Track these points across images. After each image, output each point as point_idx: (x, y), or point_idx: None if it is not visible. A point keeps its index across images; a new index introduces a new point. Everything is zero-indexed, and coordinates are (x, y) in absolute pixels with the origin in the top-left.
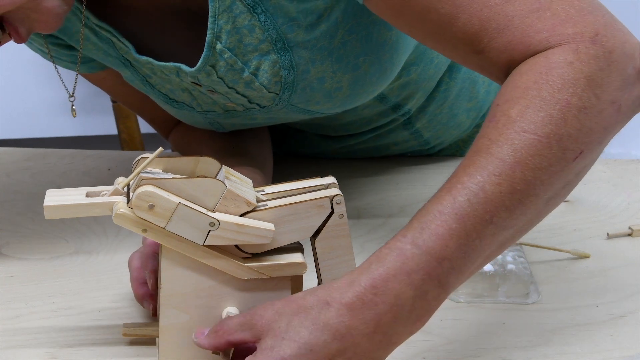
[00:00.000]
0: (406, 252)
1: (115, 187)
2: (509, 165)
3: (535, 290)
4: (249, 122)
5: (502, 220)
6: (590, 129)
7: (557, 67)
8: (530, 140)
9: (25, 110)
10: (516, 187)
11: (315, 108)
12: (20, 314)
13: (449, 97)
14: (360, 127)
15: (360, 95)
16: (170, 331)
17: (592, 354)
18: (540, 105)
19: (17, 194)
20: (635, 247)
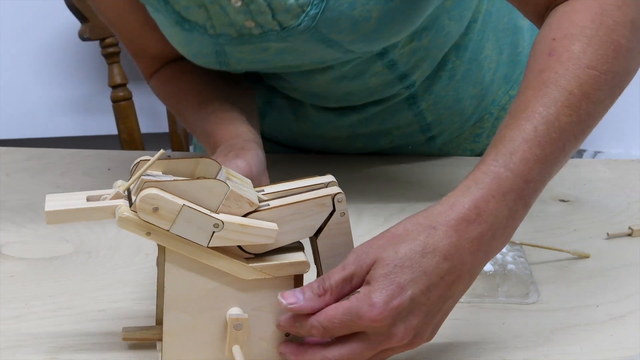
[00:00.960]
0: (501, 175)
1: (116, 191)
2: (577, 99)
3: (535, 291)
4: (259, 57)
5: (570, 147)
6: (632, 69)
7: (609, 9)
8: (593, 76)
9: (25, 110)
10: (583, 118)
11: (337, 37)
12: (20, 314)
13: (454, 77)
14: (363, 97)
15: (382, 34)
16: (174, 334)
17: (592, 354)
18: (599, 44)
19: (17, 193)
20: (635, 247)
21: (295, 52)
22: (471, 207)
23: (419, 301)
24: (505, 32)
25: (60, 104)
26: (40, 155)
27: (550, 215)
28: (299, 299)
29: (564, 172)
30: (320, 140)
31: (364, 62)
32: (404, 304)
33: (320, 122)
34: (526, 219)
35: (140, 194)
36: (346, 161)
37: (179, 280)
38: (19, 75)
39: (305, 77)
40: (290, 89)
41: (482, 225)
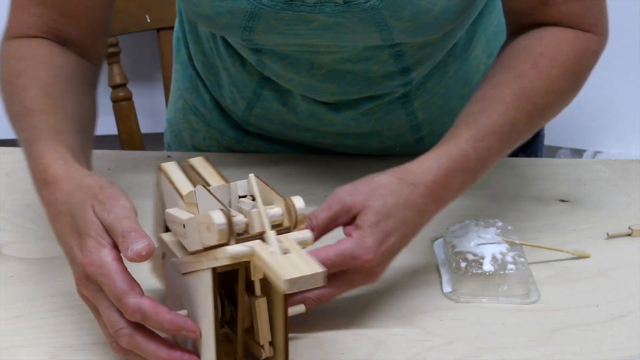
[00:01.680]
0: (469, 155)
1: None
2: (537, 114)
3: (535, 290)
4: (293, 30)
5: (511, 149)
6: (574, 95)
7: (589, 52)
8: (555, 100)
9: None
10: (531, 131)
11: (393, 23)
12: (21, 313)
13: (446, 76)
14: (360, 89)
15: (433, 28)
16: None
17: (592, 354)
18: (570, 78)
19: (17, 193)
20: (635, 247)
21: (339, 31)
22: (442, 175)
23: (396, 247)
24: (494, 35)
25: None
26: None
27: (550, 215)
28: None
29: (564, 172)
30: (310, 134)
31: (374, 47)
32: (388, 249)
33: (313, 114)
34: (525, 218)
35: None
36: (346, 162)
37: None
38: None
39: (313, 55)
40: (286, 79)
41: (447, 192)
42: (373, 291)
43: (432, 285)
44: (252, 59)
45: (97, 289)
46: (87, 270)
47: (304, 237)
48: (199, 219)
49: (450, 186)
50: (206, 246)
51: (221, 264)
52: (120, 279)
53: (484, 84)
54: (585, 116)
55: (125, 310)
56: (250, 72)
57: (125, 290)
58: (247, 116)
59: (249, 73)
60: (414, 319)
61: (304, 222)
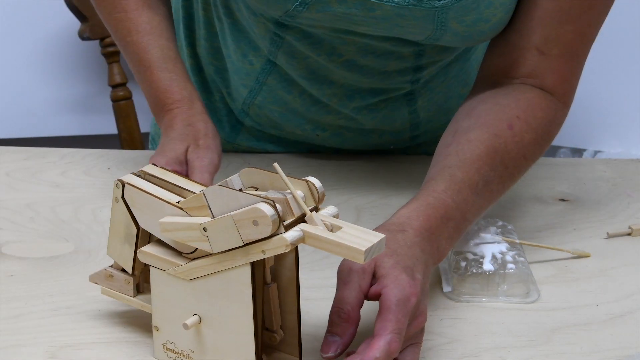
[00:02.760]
0: (448, 204)
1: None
2: (508, 175)
3: (535, 290)
4: (348, 13)
5: (487, 208)
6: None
7: (557, 122)
8: (524, 164)
9: (25, 110)
10: (503, 191)
11: (453, 25)
12: (20, 313)
13: (448, 75)
14: (372, 82)
15: (480, 37)
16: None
17: (592, 354)
18: (539, 144)
19: (16, 193)
20: (635, 247)
21: (395, 23)
22: (426, 220)
23: (423, 282)
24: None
25: (60, 104)
26: (40, 154)
27: (550, 215)
28: (337, 341)
29: (564, 172)
30: (310, 126)
31: (402, 43)
32: (419, 281)
33: (319, 104)
34: (525, 218)
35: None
36: (346, 162)
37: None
38: (19, 75)
39: (340, 41)
40: (300, 57)
41: (435, 236)
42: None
43: (432, 285)
44: (268, 35)
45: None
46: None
47: (334, 212)
48: (237, 217)
49: (437, 231)
50: (249, 241)
51: (271, 254)
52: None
53: (459, 137)
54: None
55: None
56: (252, 62)
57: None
58: (247, 105)
59: (251, 63)
60: None
61: (323, 198)
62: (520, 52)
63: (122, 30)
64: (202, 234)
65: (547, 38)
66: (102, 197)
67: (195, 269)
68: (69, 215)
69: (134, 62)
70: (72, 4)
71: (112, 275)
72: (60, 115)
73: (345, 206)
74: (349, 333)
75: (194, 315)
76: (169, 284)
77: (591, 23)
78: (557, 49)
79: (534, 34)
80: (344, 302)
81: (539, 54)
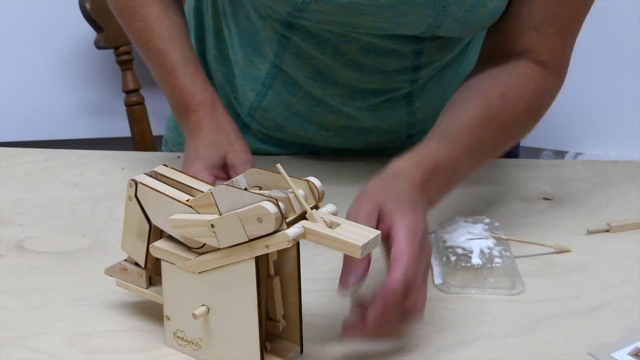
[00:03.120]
0: (440, 159)
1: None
2: (499, 141)
3: (520, 283)
4: (362, 7)
5: (477, 169)
6: (531, 130)
7: (549, 93)
8: (516, 131)
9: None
10: (495, 154)
11: (453, 10)
12: (41, 304)
13: (444, 78)
14: (373, 81)
15: (479, 24)
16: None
17: (573, 342)
18: (530, 113)
19: (36, 191)
20: (613, 243)
21: (399, 11)
22: (419, 170)
23: (424, 218)
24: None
25: (78, 108)
26: (58, 155)
27: (534, 212)
28: (351, 278)
29: (547, 172)
30: (314, 127)
31: (399, 41)
32: (422, 214)
33: (320, 102)
34: (511, 215)
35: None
36: (345, 163)
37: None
38: (40, 82)
39: (344, 40)
40: (305, 58)
41: (429, 186)
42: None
43: None
44: (275, 37)
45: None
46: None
47: (333, 209)
48: (243, 214)
49: (428, 181)
50: (253, 237)
51: (274, 249)
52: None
53: (453, 105)
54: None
55: None
56: (259, 67)
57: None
58: (254, 109)
59: (257, 68)
60: None
61: (323, 197)
62: (517, 33)
63: (144, 37)
64: (209, 230)
65: (544, 18)
66: (116, 195)
67: (203, 263)
68: (86, 213)
69: (157, 66)
70: (88, 16)
71: (126, 268)
72: (77, 119)
73: (343, 204)
74: (361, 270)
75: (203, 305)
76: (179, 276)
77: (585, 3)
78: (553, 28)
79: (532, 16)
80: (358, 218)
81: (536, 33)
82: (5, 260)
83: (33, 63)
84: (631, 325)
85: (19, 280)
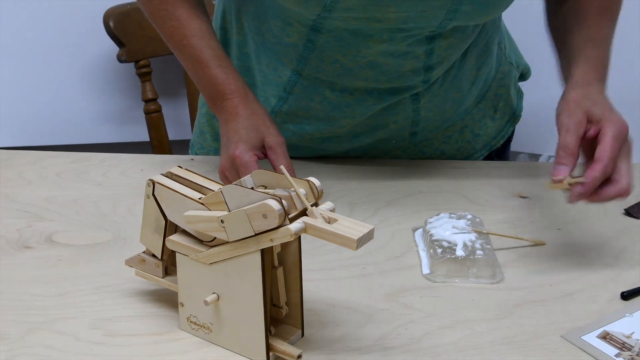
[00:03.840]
0: (604, 66)
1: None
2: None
3: (500, 272)
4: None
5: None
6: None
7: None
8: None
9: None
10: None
11: (465, 8)
12: (68, 291)
13: (446, 81)
14: (390, 79)
15: (496, 7)
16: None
17: (547, 325)
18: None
19: (65, 190)
20: (583, 237)
21: (415, 6)
22: (598, 76)
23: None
24: (482, 52)
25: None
26: (84, 158)
27: (512, 209)
28: (565, 168)
29: (523, 173)
30: (329, 128)
31: (413, 43)
32: (620, 115)
33: (338, 105)
34: (492, 212)
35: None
36: (342, 165)
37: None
38: (68, 92)
39: (365, 42)
40: (329, 61)
41: (602, 89)
42: (366, 273)
43: (413, 268)
44: (302, 43)
45: (235, 174)
46: (235, 160)
47: (331, 206)
48: (249, 211)
49: (603, 83)
50: (259, 231)
51: (278, 242)
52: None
53: (585, 25)
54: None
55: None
56: (281, 75)
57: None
58: (275, 113)
59: (280, 76)
60: (398, 296)
61: (322, 195)
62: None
63: (177, 36)
64: (219, 225)
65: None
66: (136, 194)
67: (214, 255)
68: (109, 209)
69: (191, 61)
70: (112, 33)
71: (144, 259)
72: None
73: (340, 202)
74: (572, 163)
75: (213, 293)
76: (192, 267)
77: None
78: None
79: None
80: (568, 143)
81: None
82: (37, 252)
83: (62, 75)
84: (599, 311)
85: (48, 270)
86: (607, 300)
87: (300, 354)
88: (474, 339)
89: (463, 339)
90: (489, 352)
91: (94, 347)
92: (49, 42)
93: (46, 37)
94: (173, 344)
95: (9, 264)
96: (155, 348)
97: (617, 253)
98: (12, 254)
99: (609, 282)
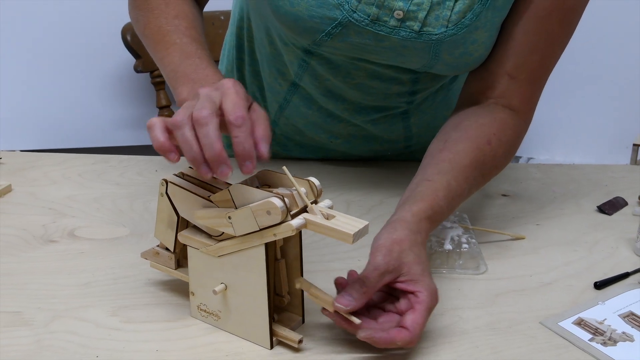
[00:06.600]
0: (443, 213)
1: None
2: (477, 184)
3: (483, 264)
4: (368, 47)
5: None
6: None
7: (521, 137)
8: (492, 174)
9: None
10: (480, 186)
11: (444, 57)
12: (89, 281)
13: (436, 100)
14: (376, 99)
15: (465, 68)
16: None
17: (527, 313)
18: (506, 157)
19: (86, 189)
20: (560, 231)
21: (399, 52)
22: (430, 226)
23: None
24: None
25: (120, 121)
26: (104, 159)
27: (494, 207)
28: (351, 302)
29: (505, 173)
30: (326, 135)
31: (400, 70)
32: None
33: (331, 115)
34: (476, 209)
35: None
36: (340, 167)
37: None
38: (89, 99)
39: (355, 67)
40: (320, 80)
41: (427, 237)
42: (362, 265)
43: None
44: (296, 61)
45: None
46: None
47: (329, 204)
48: (255, 208)
49: (430, 232)
50: (263, 227)
51: (281, 237)
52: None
53: (449, 145)
54: None
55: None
56: (281, 84)
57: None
58: (278, 117)
59: (280, 85)
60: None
61: (321, 194)
62: (494, 77)
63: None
64: (227, 221)
65: (517, 65)
66: (151, 192)
67: (222, 248)
68: (126, 207)
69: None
70: (129, 46)
71: (158, 252)
72: (119, 130)
73: (338, 200)
74: (362, 303)
75: (221, 283)
76: (202, 259)
77: (553, 55)
78: (524, 75)
79: (507, 61)
80: (369, 282)
81: (509, 78)
82: (60, 245)
83: (85, 85)
84: (575, 300)
85: (71, 262)
86: (582, 289)
87: (301, 339)
88: (461, 325)
89: (450, 325)
90: (474, 337)
91: (112, 333)
92: (73, 55)
93: (70, 50)
94: (185, 329)
95: (35, 257)
96: (169, 333)
97: (590, 246)
98: (37, 247)
99: (583, 272)
